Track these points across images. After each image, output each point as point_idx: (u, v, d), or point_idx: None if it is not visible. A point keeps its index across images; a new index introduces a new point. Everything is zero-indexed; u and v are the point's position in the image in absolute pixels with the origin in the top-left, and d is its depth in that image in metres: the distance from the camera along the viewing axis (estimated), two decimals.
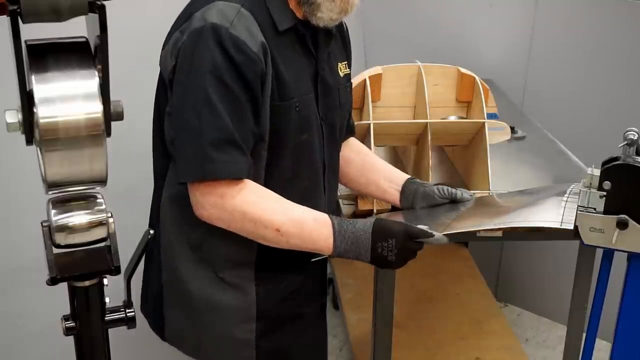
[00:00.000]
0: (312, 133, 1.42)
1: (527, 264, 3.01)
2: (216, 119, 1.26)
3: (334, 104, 1.49)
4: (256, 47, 1.28)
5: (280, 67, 1.33)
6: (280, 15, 1.34)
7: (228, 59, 1.25)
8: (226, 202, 1.29)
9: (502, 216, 1.47)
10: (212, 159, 1.26)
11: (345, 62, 1.56)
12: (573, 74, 2.67)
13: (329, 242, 1.33)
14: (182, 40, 1.29)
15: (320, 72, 1.43)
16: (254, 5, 1.32)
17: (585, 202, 1.36)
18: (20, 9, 0.74)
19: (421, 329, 2.49)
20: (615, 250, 1.39)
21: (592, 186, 1.36)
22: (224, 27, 1.25)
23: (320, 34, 1.42)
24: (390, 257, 1.31)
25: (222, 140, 1.26)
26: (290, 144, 1.38)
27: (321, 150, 1.46)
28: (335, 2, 1.34)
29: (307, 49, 1.41)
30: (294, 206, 1.35)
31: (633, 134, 1.35)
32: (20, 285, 1.96)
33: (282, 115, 1.35)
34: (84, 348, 0.98)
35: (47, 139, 0.80)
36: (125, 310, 0.99)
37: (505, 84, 2.77)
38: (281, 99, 1.34)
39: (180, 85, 1.30)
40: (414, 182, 1.63)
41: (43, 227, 0.89)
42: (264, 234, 1.31)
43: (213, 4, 1.29)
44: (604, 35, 2.56)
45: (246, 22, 1.28)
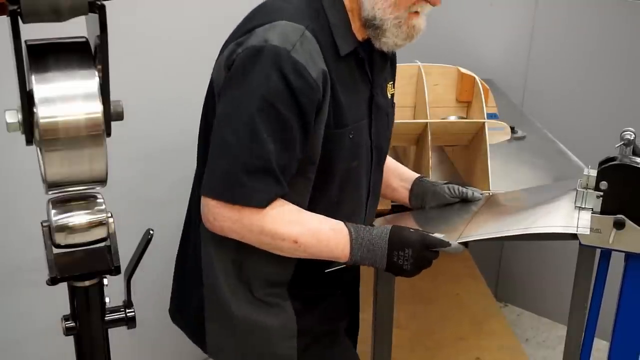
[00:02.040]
0: (362, 160, 1.40)
1: (527, 264, 3.01)
2: (255, 145, 1.22)
3: (384, 129, 1.47)
4: (316, 73, 1.24)
5: (339, 94, 1.30)
6: (343, 39, 1.31)
7: (286, 84, 1.21)
8: (244, 216, 1.26)
9: (517, 220, 1.44)
10: (241, 183, 1.23)
11: (392, 82, 1.53)
12: (573, 74, 2.67)
13: (346, 250, 1.31)
14: (237, 52, 1.25)
15: (375, 97, 1.41)
16: (317, 28, 1.28)
17: (582, 203, 1.37)
18: (20, 9, 0.74)
19: (421, 329, 2.49)
20: (613, 250, 1.39)
21: (589, 186, 1.36)
22: (285, 49, 1.21)
23: (377, 56, 1.40)
24: (406, 266, 1.30)
25: (254, 167, 1.23)
26: (340, 171, 1.35)
27: (367, 177, 1.44)
28: (402, 28, 1.32)
29: (364, 72, 1.38)
30: (311, 216, 1.33)
31: (630, 134, 1.35)
32: (20, 285, 1.96)
33: (336, 143, 1.32)
34: (84, 348, 0.98)
35: (47, 139, 0.80)
36: (125, 310, 0.99)
37: (505, 84, 2.77)
38: (336, 126, 1.31)
39: (228, 99, 1.26)
40: (424, 181, 1.62)
41: (43, 227, 0.89)
42: (281, 246, 1.30)
43: (277, 23, 1.25)
44: (604, 35, 2.56)
45: (309, 47, 1.24)
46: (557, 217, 1.38)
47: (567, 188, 1.49)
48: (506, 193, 1.71)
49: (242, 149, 1.22)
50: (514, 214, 1.49)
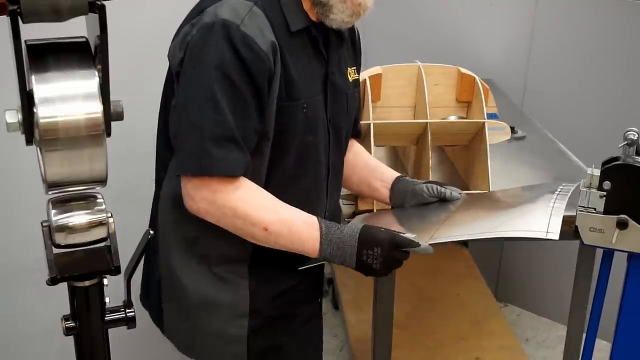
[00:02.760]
0: (318, 135, 1.42)
1: (527, 264, 3.01)
2: (218, 115, 1.26)
3: (342, 108, 1.49)
4: (265, 45, 1.28)
5: (290, 67, 1.34)
6: (294, 16, 1.35)
7: (236, 55, 1.25)
8: (218, 197, 1.29)
9: (490, 222, 1.46)
10: (209, 154, 1.27)
11: (355, 67, 1.56)
12: (573, 74, 2.67)
13: (316, 245, 1.33)
14: (191, 33, 1.30)
15: (331, 75, 1.44)
16: (267, 5, 1.32)
17: (585, 202, 1.37)
18: (20, 9, 0.74)
19: (421, 329, 2.49)
20: (615, 250, 1.39)
21: (592, 186, 1.36)
22: (234, 23, 1.26)
23: (333, 37, 1.43)
24: (375, 264, 1.31)
25: (221, 137, 1.27)
26: (295, 145, 1.38)
27: (326, 153, 1.47)
28: (347, 3, 1.35)
29: (319, 51, 1.41)
30: (285, 207, 1.35)
31: (633, 134, 1.35)
32: (20, 285, 1.96)
33: (289, 115, 1.35)
34: (84, 348, 0.98)
35: (47, 139, 0.80)
36: (125, 310, 0.99)
37: (505, 84, 2.77)
38: (289, 98, 1.34)
39: (186, 79, 1.30)
40: (404, 180, 1.64)
41: (43, 227, 0.89)
42: (252, 231, 1.32)
43: (226, 1, 1.30)
44: (604, 35, 2.56)
45: (257, 21, 1.29)
46: (529, 218, 1.38)
47: (546, 190, 1.50)
48: (483, 194, 1.73)
49: (206, 121, 1.26)
50: (488, 216, 1.51)
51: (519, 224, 1.38)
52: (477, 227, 1.42)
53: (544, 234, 1.30)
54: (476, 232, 1.38)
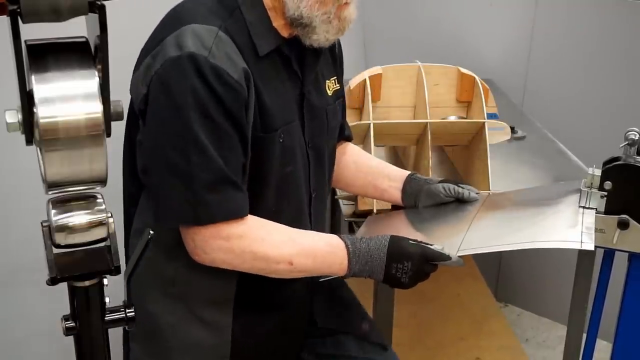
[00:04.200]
0: (297, 164, 1.34)
1: (527, 264, 3.01)
2: (206, 160, 1.18)
3: (322, 129, 1.41)
4: (237, 74, 1.19)
5: (263, 95, 1.25)
6: (262, 38, 1.25)
7: (210, 91, 1.16)
8: (233, 244, 1.22)
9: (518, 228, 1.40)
10: (207, 203, 1.19)
11: (335, 77, 1.47)
12: (573, 74, 2.67)
13: (344, 264, 1.29)
14: (154, 67, 1.19)
15: (307, 95, 1.35)
16: (232, 27, 1.22)
17: (586, 202, 1.37)
18: (20, 9, 0.74)
19: (421, 329, 2.49)
20: (616, 251, 1.39)
21: (593, 186, 1.36)
22: (202, 56, 1.16)
23: (308, 52, 1.33)
24: (404, 278, 1.28)
25: (214, 181, 1.19)
26: (274, 177, 1.30)
27: (306, 180, 1.39)
28: (332, 23, 1.26)
29: (292, 71, 1.32)
30: (301, 234, 1.30)
31: (634, 134, 1.35)
32: (20, 285, 1.96)
33: (265, 148, 1.27)
34: (84, 348, 0.98)
35: (47, 139, 0.80)
36: (125, 310, 0.99)
37: (505, 84, 2.77)
38: (264, 130, 1.26)
39: (157, 119, 1.20)
40: (416, 179, 1.57)
41: (43, 227, 0.89)
42: (276, 269, 1.27)
43: (187, 27, 1.19)
44: (604, 35, 2.56)
45: (225, 48, 1.19)
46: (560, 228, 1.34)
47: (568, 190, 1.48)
48: (505, 194, 1.69)
49: (194, 168, 1.17)
50: (515, 221, 1.45)
51: (552, 232, 1.33)
52: (506, 234, 1.37)
53: (578, 244, 1.26)
54: (506, 241, 1.33)
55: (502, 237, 1.36)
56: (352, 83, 1.89)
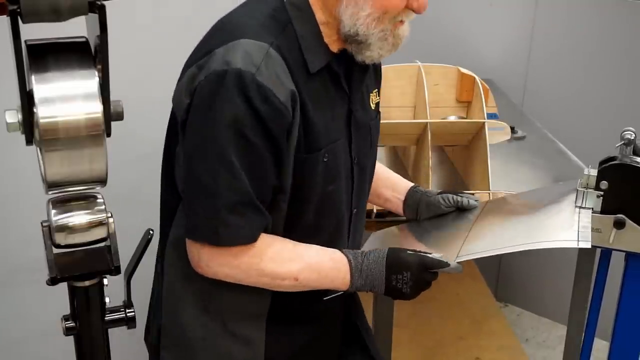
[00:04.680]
0: (340, 182, 1.32)
1: (527, 264, 3.01)
2: (233, 180, 1.15)
3: (367, 144, 1.39)
4: (284, 96, 1.15)
5: (310, 115, 1.21)
6: (314, 54, 1.22)
7: (252, 110, 1.13)
8: (242, 261, 1.22)
9: (515, 232, 1.40)
10: (226, 224, 1.17)
11: (376, 90, 1.45)
12: (573, 74, 2.67)
13: (347, 279, 1.28)
14: (199, 79, 1.16)
15: (354, 112, 1.32)
16: (284, 43, 1.19)
17: (582, 202, 1.37)
18: (20, 9, 0.74)
19: (421, 329, 2.49)
20: (613, 250, 1.39)
21: (589, 186, 1.36)
22: (249, 72, 1.12)
23: (356, 68, 1.30)
24: (405, 289, 1.27)
25: (238, 203, 1.17)
26: (315, 196, 1.27)
27: (348, 198, 1.36)
28: (388, 40, 1.24)
29: (340, 87, 1.29)
30: (307, 249, 1.29)
31: (630, 134, 1.35)
32: (20, 285, 1.96)
33: (308, 168, 1.24)
34: (84, 348, 0.98)
35: (47, 139, 0.80)
36: (125, 310, 0.99)
37: (505, 84, 2.77)
38: (308, 150, 1.23)
39: (195, 132, 1.18)
40: (418, 192, 1.57)
41: (43, 227, 0.89)
42: (280, 285, 1.26)
43: (238, 42, 1.15)
44: (604, 35, 2.56)
45: (274, 66, 1.15)
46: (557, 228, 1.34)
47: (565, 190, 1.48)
48: (503, 198, 1.69)
49: (221, 186, 1.16)
50: (512, 225, 1.45)
51: (549, 232, 1.33)
52: (504, 238, 1.37)
53: (575, 242, 1.26)
54: (505, 244, 1.33)
55: (499, 241, 1.36)
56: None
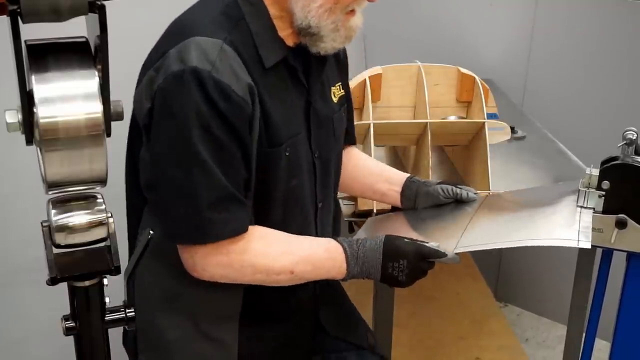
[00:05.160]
0: (303, 176, 1.33)
1: (527, 264, 3.01)
2: (209, 178, 1.16)
3: (328, 138, 1.39)
4: (242, 90, 1.16)
5: (269, 109, 1.23)
6: (268, 49, 1.23)
7: (213, 107, 1.13)
8: (233, 259, 1.22)
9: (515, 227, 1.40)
10: (210, 221, 1.17)
11: (340, 83, 1.45)
12: (573, 74, 2.67)
13: (343, 267, 1.29)
14: (157, 81, 1.16)
15: (313, 104, 1.33)
16: (237, 39, 1.19)
17: (584, 202, 1.37)
18: (20, 9, 0.74)
19: (421, 329, 2.49)
20: (614, 250, 1.39)
21: (590, 186, 1.36)
22: (205, 70, 1.13)
23: (313, 60, 1.32)
24: (401, 277, 1.27)
25: (218, 199, 1.17)
26: (279, 191, 1.29)
27: (312, 192, 1.37)
28: (340, 31, 1.25)
29: (298, 81, 1.30)
30: (300, 241, 1.30)
31: (632, 134, 1.35)
32: (20, 285, 1.96)
33: (270, 162, 1.25)
34: (84, 348, 0.98)
35: (47, 139, 0.80)
36: (125, 310, 0.99)
37: (505, 84, 2.77)
38: (270, 144, 1.24)
39: (161, 135, 1.18)
40: (415, 182, 1.57)
41: (43, 227, 0.89)
42: (277, 279, 1.26)
43: (191, 40, 1.16)
44: (604, 35, 2.56)
45: (229, 61, 1.16)
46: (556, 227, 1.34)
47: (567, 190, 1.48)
48: (503, 194, 1.68)
49: (198, 187, 1.16)
50: (512, 221, 1.45)
51: (549, 230, 1.33)
52: (503, 232, 1.37)
53: (575, 242, 1.26)
54: (503, 239, 1.33)
55: (498, 235, 1.36)
56: (352, 83, 1.89)
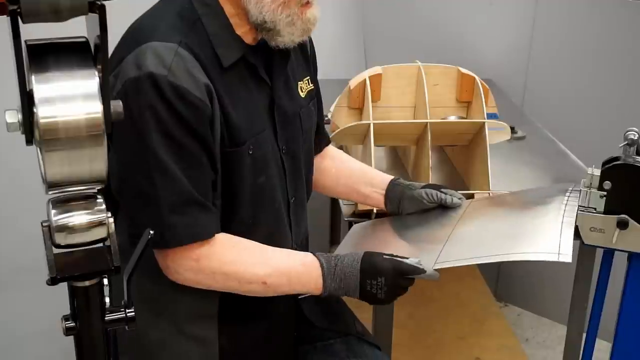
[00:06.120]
0: (271, 173, 1.32)
1: (527, 263, 2.99)
2: (171, 182, 1.17)
3: (296, 133, 1.39)
4: (199, 91, 1.17)
5: (229, 109, 1.23)
6: (226, 48, 1.23)
7: (171, 111, 1.14)
8: (203, 265, 1.22)
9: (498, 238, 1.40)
10: (172, 225, 1.18)
11: (308, 77, 1.45)
12: (573, 74, 2.67)
13: (319, 283, 1.28)
14: (116, 88, 1.17)
15: (277, 101, 1.33)
16: (193, 41, 1.20)
17: (585, 202, 1.37)
18: (20, 9, 0.74)
19: (421, 329, 2.49)
20: (616, 250, 1.39)
21: (592, 186, 1.36)
22: (161, 75, 1.14)
23: (275, 56, 1.31)
24: (380, 294, 1.26)
25: (181, 204, 1.18)
26: (246, 189, 1.28)
27: (283, 188, 1.37)
28: (296, 25, 1.24)
29: (260, 78, 1.30)
30: (275, 253, 1.29)
31: (633, 134, 1.35)
32: (20, 285, 1.96)
33: (234, 162, 1.25)
34: (84, 348, 0.98)
35: (47, 139, 0.80)
36: (125, 310, 0.99)
37: (505, 84, 2.77)
38: (232, 144, 1.24)
39: (122, 142, 1.18)
40: (399, 185, 1.56)
41: (43, 227, 0.89)
42: (249, 289, 1.26)
43: (147, 45, 1.17)
44: (604, 35, 2.56)
45: (185, 65, 1.16)
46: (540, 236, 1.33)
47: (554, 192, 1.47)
48: (488, 198, 1.67)
49: (159, 190, 1.17)
50: (495, 230, 1.44)
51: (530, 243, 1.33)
52: (484, 245, 1.36)
53: (556, 255, 1.25)
54: (483, 254, 1.32)
55: (479, 248, 1.34)
56: (352, 83, 1.89)
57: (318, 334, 1.53)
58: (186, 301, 1.32)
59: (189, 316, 1.34)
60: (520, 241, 1.35)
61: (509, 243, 1.34)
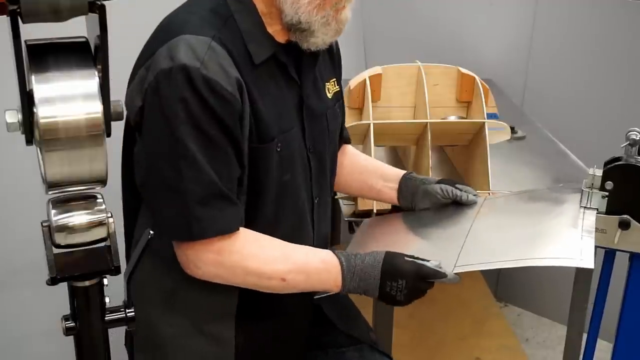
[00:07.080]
0: (296, 171, 1.33)
1: None
2: (198, 174, 1.17)
3: (323, 133, 1.39)
4: (231, 85, 1.17)
5: (259, 105, 1.23)
6: (257, 46, 1.24)
7: (202, 104, 1.15)
8: (224, 258, 1.22)
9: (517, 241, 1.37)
10: (198, 218, 1.18)
11: (334, 79, 1.45)
12: (573, 74, 2.67)
13: (338, 281, 1.27)
14: (148, 79, 1.18)
15: (306, 100, 1.34)
16: (226, 36, 1.21)
17: (587, 203, 1.37)
18: (20, 9, 0.74)
19: (421, 329, 2.49)
20: (617, 251, 1.39)
21: (594, 186, 1.36)
22: (194, 67, 1.14)
23: (305, 56, 1.32)
24: (399, 296, 1.26)
25: (206, 196, 1.18)
26: (272, 186, 1.29)
27: (308, 187, 1.37)
28: (330, 25, 1.25)
29: (290, 77, 1.31)
30: (296, 249, 1.29)
31: (635, 134, 1.35)
32: (20, 285, 1.96)
33: (262, 158, 1.25)
34: (84, 348, 0.98)
35: (47, 139, 0.80)
36: (125, 310, 0.99)
37: (505, 84, 2.77)
38: (260, 140, 1.25)
39: (151, 132, 1.20)
40: (412, 179, 1.55)
41: (43, 227, 0.89)
42: (268, 285, 1.26)
43: (180, 38, 1.17)
44: (604, 35, 2.56)
45: (218, 58, 1.17)
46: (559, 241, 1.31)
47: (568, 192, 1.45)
48: (503, 197, 1.66)
49: (186, 182, 1.17)
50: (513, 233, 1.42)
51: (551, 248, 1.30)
52: (503, 250, 1.33)
53: (577, 261, 1.22)
54: (503, 258, 1.30)
55: (499, 251, 1.33)
56: (352, 83, 1.89)
57: (331, 340, 1.53)
58: (205, 298, 1.31)
59: (207, 314, 1.33)
60: (540, 246, 1.33)
61: (528, 248, 1.32)
